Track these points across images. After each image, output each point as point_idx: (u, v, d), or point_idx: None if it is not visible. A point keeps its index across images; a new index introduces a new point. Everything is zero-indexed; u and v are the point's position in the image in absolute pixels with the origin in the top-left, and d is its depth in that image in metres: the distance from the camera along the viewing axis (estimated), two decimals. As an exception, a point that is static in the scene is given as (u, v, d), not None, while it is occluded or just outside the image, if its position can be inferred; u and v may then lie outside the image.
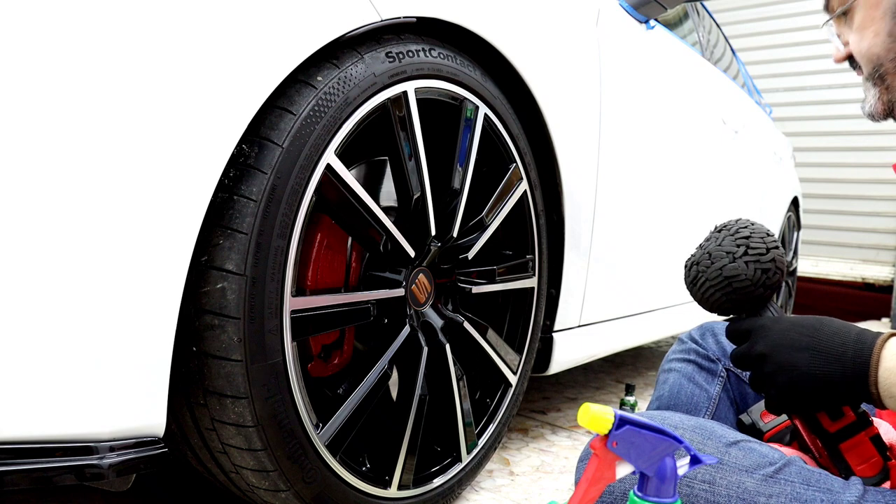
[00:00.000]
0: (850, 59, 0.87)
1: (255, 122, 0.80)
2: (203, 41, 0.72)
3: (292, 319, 0.84)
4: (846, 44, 0.86)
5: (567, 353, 1.48)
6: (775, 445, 0.77)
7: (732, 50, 3.24)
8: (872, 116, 0.85)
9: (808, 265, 4.97)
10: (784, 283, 3.67)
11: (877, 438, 0.74)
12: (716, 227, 0.82)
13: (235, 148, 0.77)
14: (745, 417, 0.86)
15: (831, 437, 0.73)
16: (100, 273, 0.66)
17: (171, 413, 0.84)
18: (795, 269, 3.96)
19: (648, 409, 1.01)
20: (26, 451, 0.65)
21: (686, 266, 0.80)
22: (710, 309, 0.77)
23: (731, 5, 5.39)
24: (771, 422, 0.84)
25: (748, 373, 0.75)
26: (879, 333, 0.67)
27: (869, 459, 0.73)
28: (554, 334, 1.42)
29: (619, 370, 2.50)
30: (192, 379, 0.80)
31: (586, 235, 1.45)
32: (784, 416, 0.82)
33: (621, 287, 1.69)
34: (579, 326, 1.52)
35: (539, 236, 1.31)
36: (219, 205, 0.78)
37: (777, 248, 0.75)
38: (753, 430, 0.84)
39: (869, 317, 4.57)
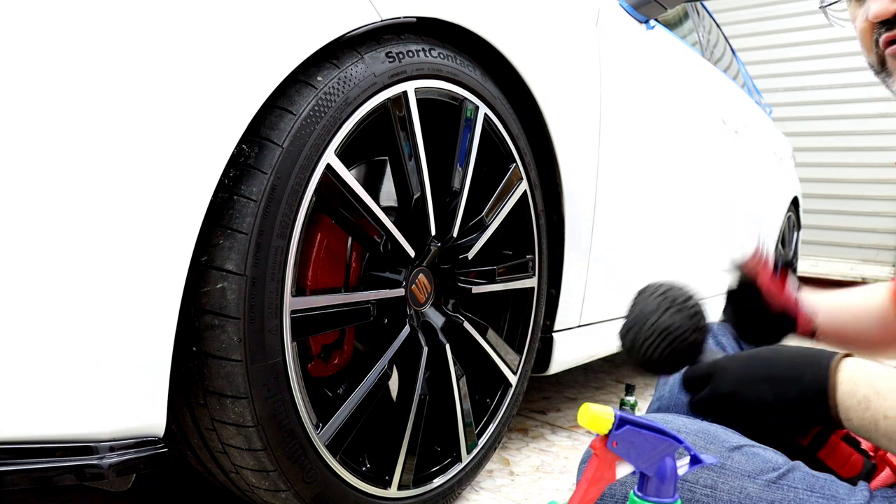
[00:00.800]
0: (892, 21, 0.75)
1: (255, 122, 0.80)
2: (203, 41, 0.72)
3: (292, 319, 0.84)
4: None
5: (567, 353, 1.47)
6: None
7: (732, 50, 3.24)
8: None
9: (808, 265, 4.97)
10: (784, 284, 3.66)
11: (847, 437, 0.75)
12: (634, 295, 0.82)
13: (235, 148, 0.77)
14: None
15: (806, 450, 0.75)
16: (100, 273, 0.66)
17: (171, 413, 0.84)
18: (795, 270, 3.96)
19: (649, 410, 1.01)
20: (26, 451, 0.65)
21: (620, 336, 0.81)
22: (655, 368, 0.78)
23: (731, 5, 5.39)
24: None
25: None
26: (833, 354, 0.67)
27: (848, 459, 0.75)
28: (554, 334, 1.42)
29: (619, 370, 2.50)
30: (192, 379, 0.80)
31: (586, 235, 1.45)
32: None
33: (621, 287, 1.69)
34: (579, 326, 1.52)
35: (539, 236, 1.31)
36: (219, 205, 0.78)
37: (693, 295, 0.78)
38: None
39: (869, 317, 4.56)
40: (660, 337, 0.74)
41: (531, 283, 1.30)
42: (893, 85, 0.79)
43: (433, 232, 1.06)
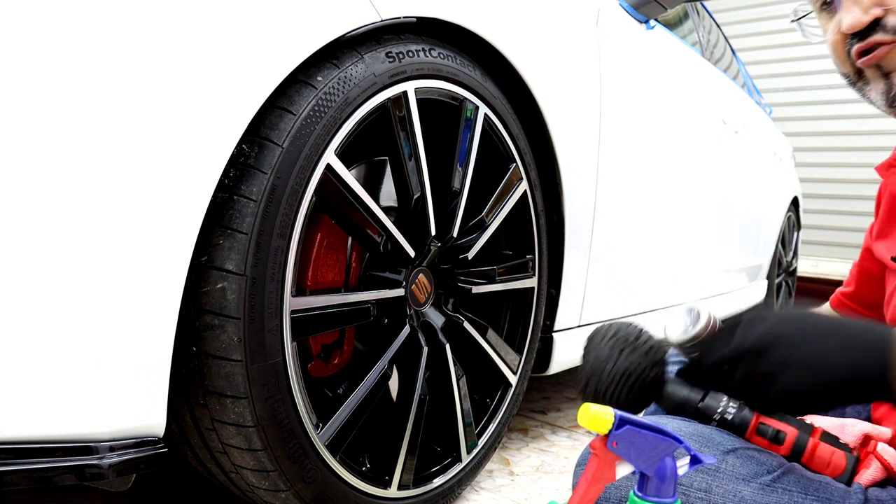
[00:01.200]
0: (873, 24, 0.72)
1: (255, 122, 0.80)
2: (203, 41, 0.72)
3: (292, 319, 0.84)
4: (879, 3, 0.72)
5: (567, 353, 1.47)
6: None
7: (732, 50, 3.24)
8: None
9: (808, 265, 4.96)
10: (784, 283, 3.67)
11: (825, 436, 0.73)
12: (585, 344, 0.79)
13: (235, 148, 0.77)
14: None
15: (787, 460, 0.73)
16: (100, 273, 0.66)
17: (171, 413, 0.84)
18: (795, 270, 3.96)
19: (646, 413, 1.01)
20: (26, 451, 0.65)
21: (581, 390, 0.78)
22: (624, 408, 0.71)
23: (731, 5, 5.39)
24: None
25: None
26: (884, 326, 0.60)
27: (831, 459, 0.72)
28: (554, 334, 1.42)
29: (619, 370, 2.49)
30: (192, 379, 0.80)
31: (586, 235, 1.45)
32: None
33: (621, 287, 1.69)
34: (579, 326, 1.52)
35: (539, 236, 1.31)
36: (219, 205, 0.78)
37: (642, 329, 0.75)
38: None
39: (869, 317, 4.56)
40: (620, 381, 0.72)
41: (531, 283, 1.30)
42: (871, 93, 0.77)
43: (433, 232, 1.06)
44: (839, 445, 0.72)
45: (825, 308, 0.99)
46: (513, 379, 1.28)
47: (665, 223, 1.89)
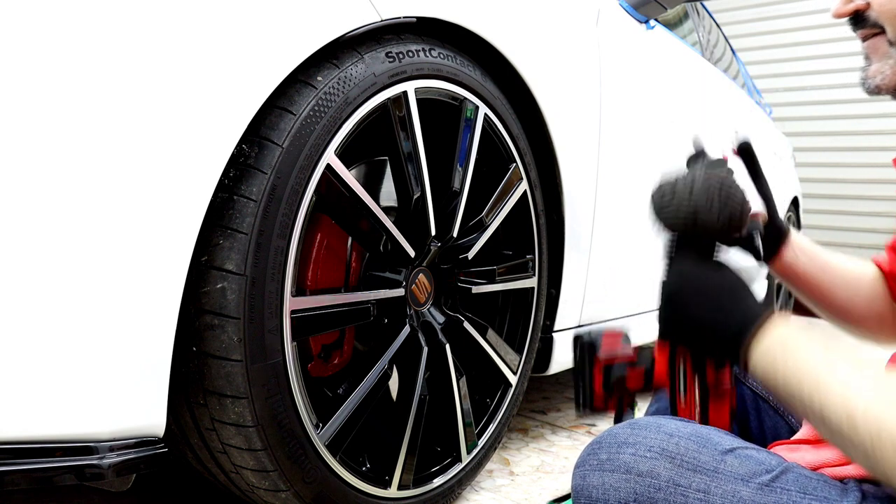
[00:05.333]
0: (857, 16, 0.75)
1: (255, 122, 0.80)
2: (203, 41, 0.72)
3: (292, 319, 0.84)
4: None
5: (567, 353, 1.47)
6: (787, 444, 0.77)
7: (732, 50, 3.24)
8: (878, 90, 0.76)
9: (808, 265, 4.95)
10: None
11: (734, 412, 0.78)
12: (703, 161, 0.79)
13: (235, 148, 0.77)
14: (585, 335, 0.83)
15: (705, 387, 0.77)
16: (100, 273, 0.66)
17: (171, 413, 0.84)
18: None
19: (647, 414, 1.01)
20: (26, 451, 0.65)
21: (661, 185, 0.77)
22: (663, 226, 0.78)
23: (731, 5, 5.39)
24: (609, 352, 0.82)
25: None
26: (765, 310, 0.70)
27: (722, 425, 0.77)
28: (554, 334, 1.42)
29: (619, 370, 2.49)
30: (192, 379, 0.80)
31: (586, 235, 1.45)
32: (624, 350, 0.83)
33: (621, 287, 1.69)
34: (579, 326, 1.52)
35: (539, 236, 1.31)
36: (219, 205, 0.78)
37: (750, 208, 0.76)
38: (590, 349, 0.83)
39: (869, 317, 4.55)
40: (689, 221, 0.73)
41: (531, 282, 1.30)
42: (868, 70, 0.78)
43: (433, 232, 1.06)
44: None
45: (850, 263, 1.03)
46: (513, 379, 1.28)
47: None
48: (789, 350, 0.66)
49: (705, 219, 0.73)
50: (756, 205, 0.84)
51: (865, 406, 0.57)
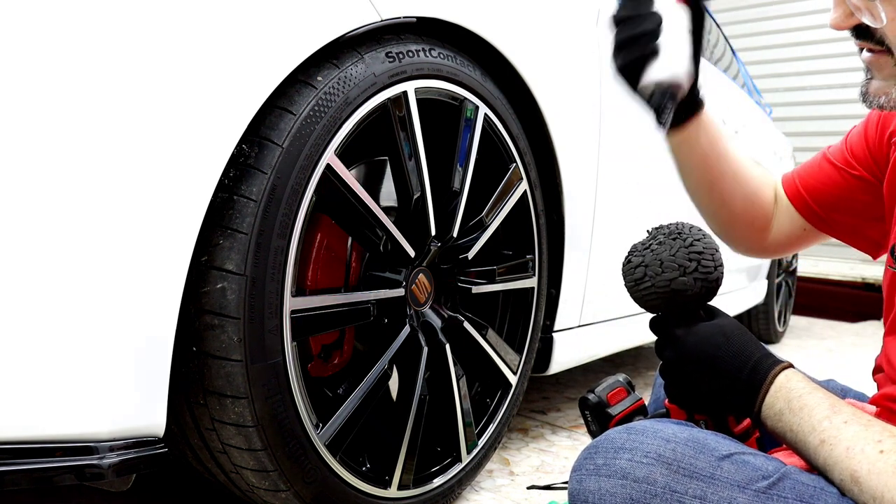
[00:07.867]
0: (861, 27, 0.72)
1: (255, 122, 0.80)
2: (203, 41, 0.72)
3: (292, 319, 0.84)
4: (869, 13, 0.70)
5: (567, 353, 1.47)
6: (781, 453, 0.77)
7: (732, 50, 3.24)
8: (881, 108, 0.75)
9: (808, 265, 4.96)
10: (784, 283, 3.67)
11: (760, 440, 0.79)
12: (666, 230, 0.81)
13: (235, 148, 0.77)
14: (591, 396, 0.85)
15: (735, 436, 0.77)
16: (100, 273, 0.66)
17: (171, 413, 0.84)
18: (795, 269, 3.95)
19: (648, 404, 1.01)
20: (26, 451, 0.65)
21: (631, 264, 0.80)
22: (641, 306, 0.81)
23: (731, 5, 5.39)
24: (619, 404, 0.84)
25: None
26: (777, 362, 0.71)
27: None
28: (554, 334, 1.42)
29: (619, 370, 2.49)
30: (192, 379, 0.80)
31: (586, 235, 1.45)
32: (633, 399, 0.86)
33: (621, 287, 1.68)
34: (579, 326, 1.52)
35: (539, 236, 1.31)
36: (219, 205, 0.78)
37: (721, 265, 0.77)
38: (600, 410, 0.84)
39: (868, 317, 4.56)
40: (668, 293, 0.74)
41: (531, 282, 1.30)
42: (870, 85, 0.76)
43: (433, 232, 1.06)
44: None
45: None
46: (513, 379, 1.28)
47: (665, 222, 1.89)
48: (794, 405, 0.68)
49: (682, 290, 0.75)
50: (683, 68, 0.86)
51: (869, 469, 0.61)
